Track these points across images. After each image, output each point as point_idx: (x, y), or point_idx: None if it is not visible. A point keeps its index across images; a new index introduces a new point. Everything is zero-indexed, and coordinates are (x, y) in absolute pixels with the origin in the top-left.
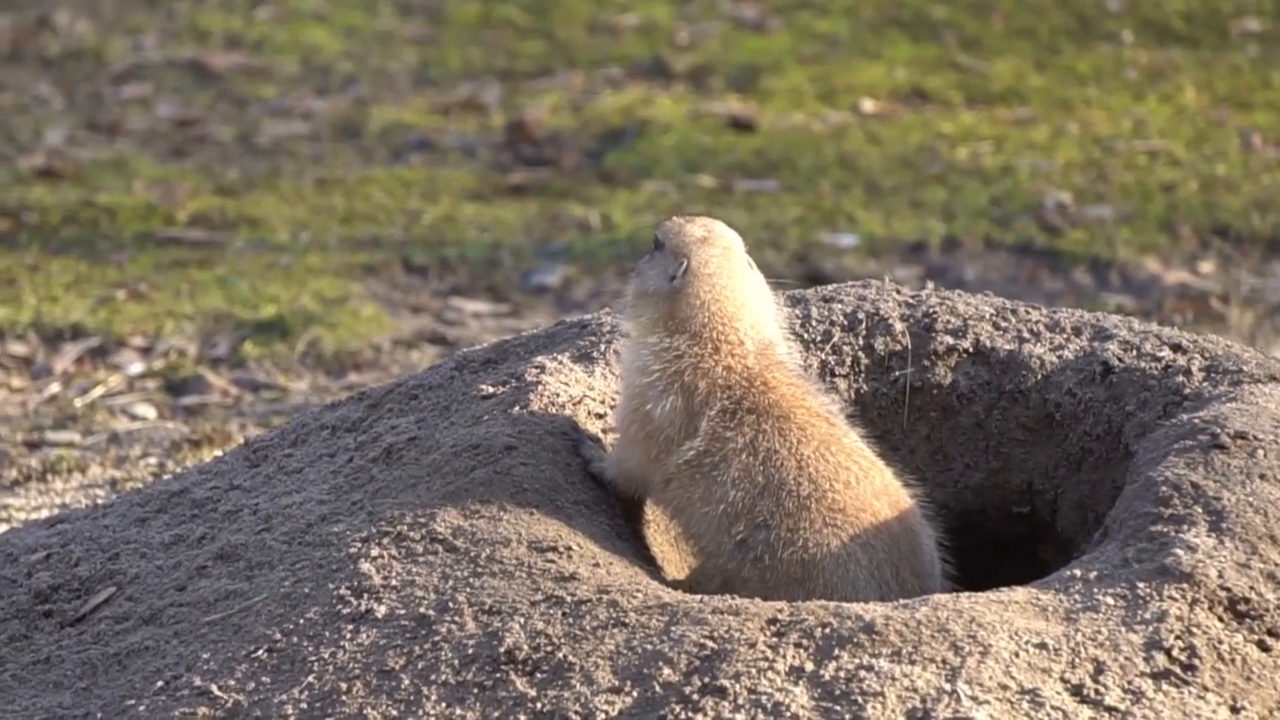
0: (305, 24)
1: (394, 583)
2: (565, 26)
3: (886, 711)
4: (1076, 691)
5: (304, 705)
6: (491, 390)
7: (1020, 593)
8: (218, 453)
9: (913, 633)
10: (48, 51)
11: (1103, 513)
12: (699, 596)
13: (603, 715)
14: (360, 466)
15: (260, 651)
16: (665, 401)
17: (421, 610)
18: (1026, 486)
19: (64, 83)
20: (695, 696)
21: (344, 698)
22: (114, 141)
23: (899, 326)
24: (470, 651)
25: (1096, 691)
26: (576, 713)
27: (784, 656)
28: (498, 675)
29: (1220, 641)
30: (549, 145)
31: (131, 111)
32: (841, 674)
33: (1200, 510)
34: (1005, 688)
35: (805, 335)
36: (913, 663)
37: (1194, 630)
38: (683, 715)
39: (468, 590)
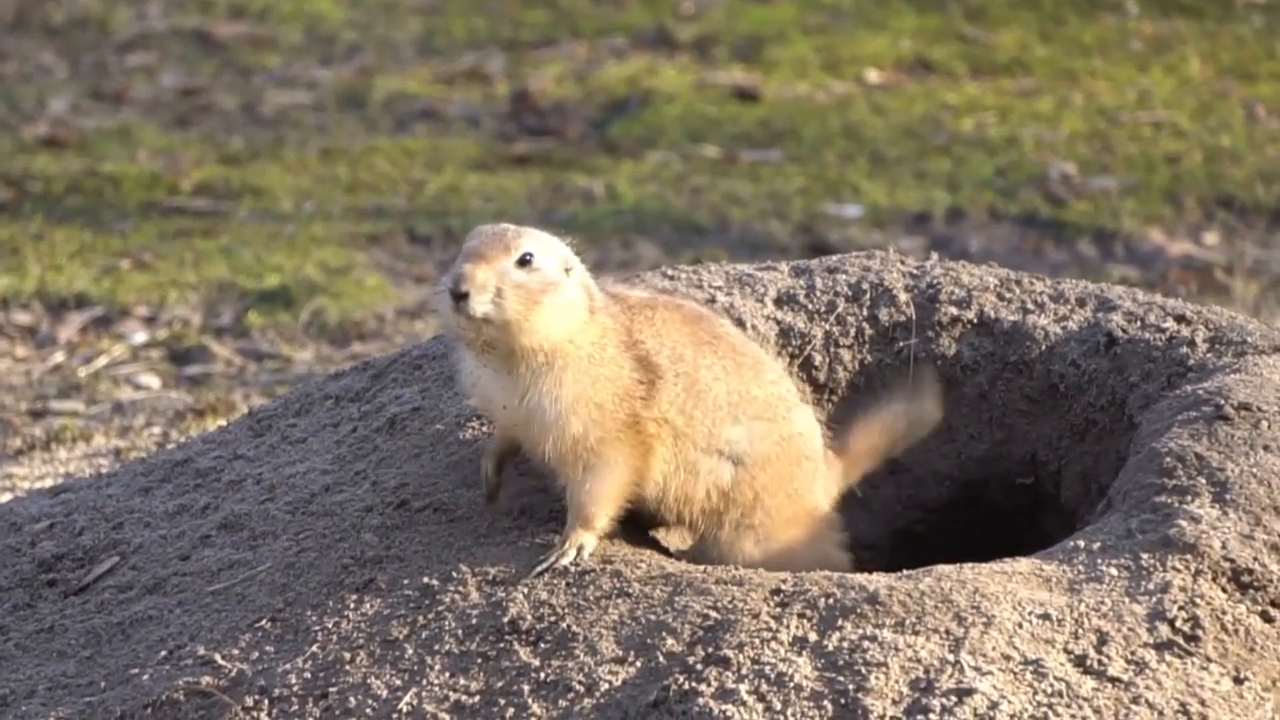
0: None
1: (397, 552)
2: None
3: (890, 682)
4: (1080, 662)
5: (308, 675)
6: None
7: (1024, 563)
8: (221, 422)
9: (916, 603)
10: (52, 20)
11: (1106, 484)
12: (702, 567)
13: (606, 685)
14: (364, 436)
15: (264, 621)
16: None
17: (425, 580)
18: (1030, 457)
19: (68, 52)
20: (699, 667)
21: (348, 667)
22: (118, 111)
23: (903, 297)
24: (474, 621)
25: (1100, 662)
26: (580, 683)
27: (787, 627)
28: (501, 645)
29: (1224, 612)
30: (553, 115)
31: (136, 81)
32: (845, 644)
33: (1204, 481)
34: (1009, 658)
35: (809, 306)
36: (916, 633)
37: (1197, 601)
38: (686, 685)
39: (471, 560)
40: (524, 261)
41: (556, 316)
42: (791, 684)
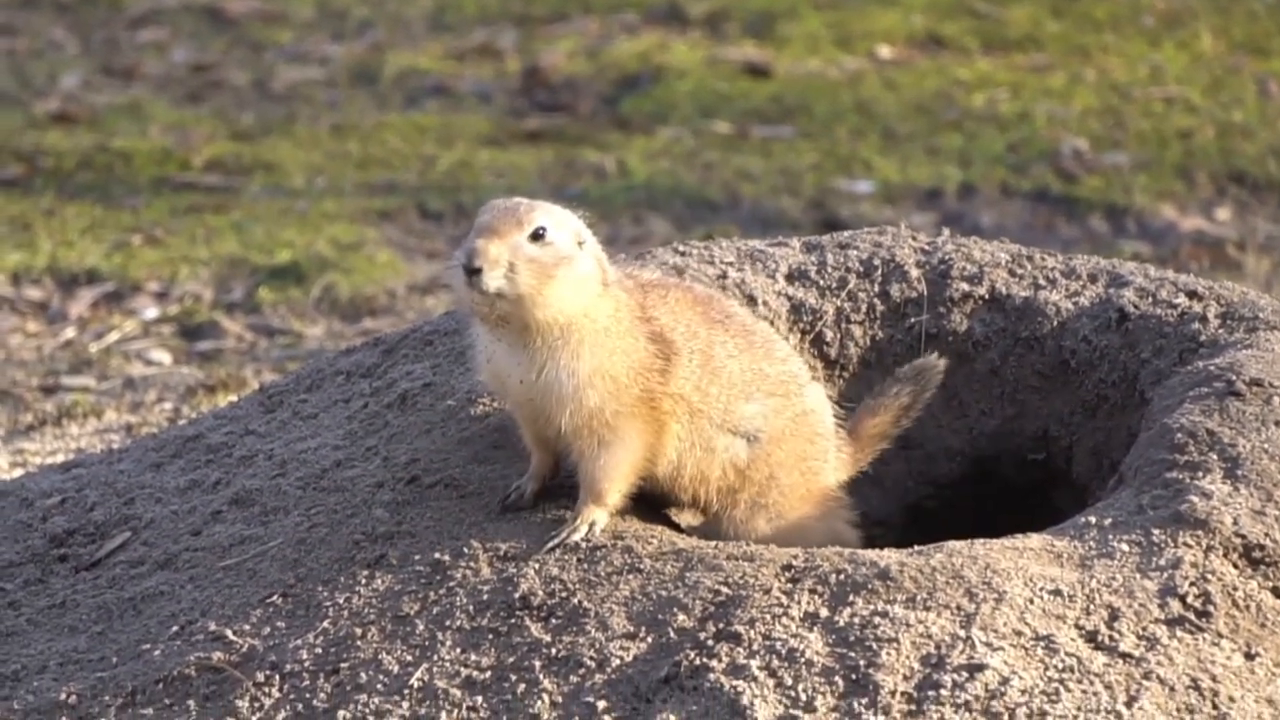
0: None
1: (408, 528)
2: None
3: (901, 658)
4: (1091, 638)
5: (319, 650)
6: None
7: (1035, 539)
8: (233, 398)
9: (927, 579)
10: None
11: (1118, 459)
12: (713, 543)
13: (617, 661)
14: (375, 412)
15: (275, 596)
16: None
17: (436, 556)
18: (1042, 433)
19: (79, 27)
20: (710, 642)
21: (359, 643)
22: (129, 86)
23: (915, 273)
24: (485, 597)
25: (1111, 638)
26: (591, 658)
27: (798, 603)
28: (512, 621)
29: (1235, 588)
30: (565, 91)
31: (147, 56)
32: (856, 620)
33: (1215, 457)
34: (1020, 634)
35: (821, 282)
36: (927, 609)
37: (1208, 577)
38: (697, 661)
39: (482, 536)
40: (537, 236)
41: (570, 290)
42: (803, 660)
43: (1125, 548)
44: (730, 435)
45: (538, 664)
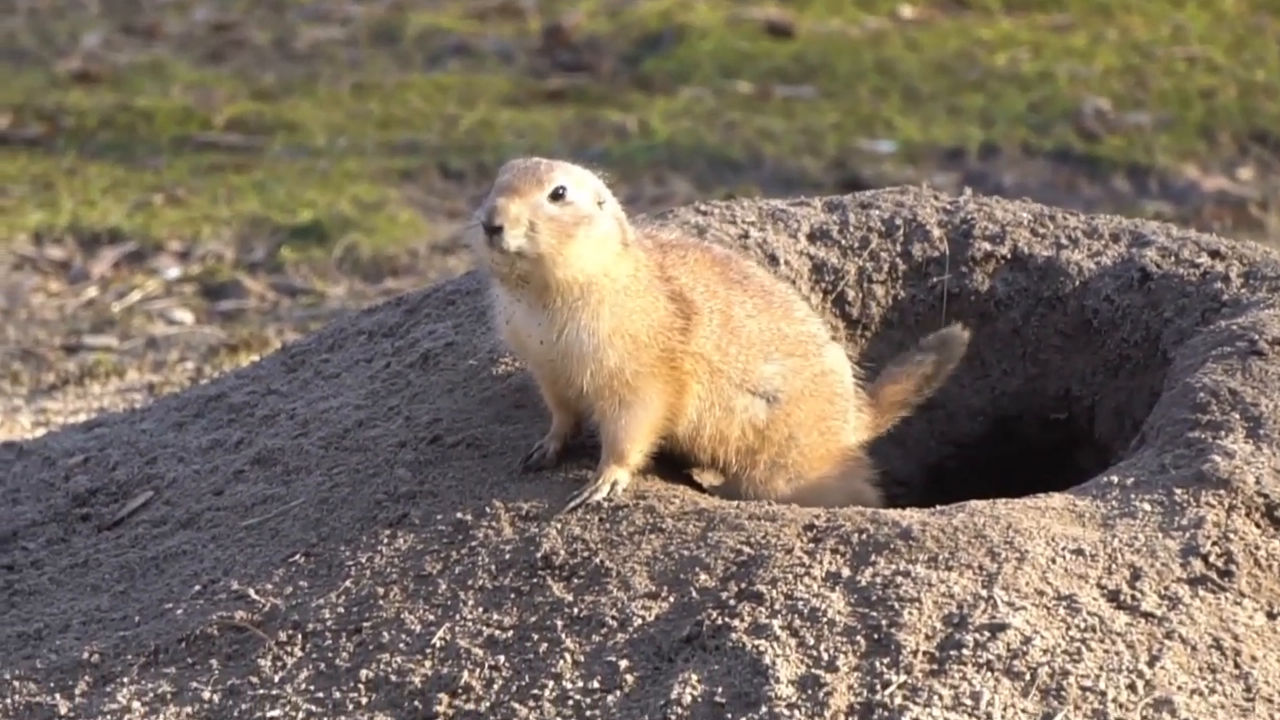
0: None
1: (430, 488)
2: None
3: (923, 617)
4: (1113, 597)
5: (341, 609)
6: None
7: (1057, 499)
8: (255, 357)
9: (949, 539)
10: None
11: (1140, 419)
12: (735, 503)
13: (639, 620)
14: (397, 372)
15: (297, 556)
16: None
17: (458, 515)
18: (1064, 393)
19: None
20: (732, 602)
21: (381, 602)
22: (151, 45)
23: (937, 233)
24: (507, 557)
25: (1133, 597)
26: (613, 618)
27: (820, 562)
28: (534, 580)
29: (1257, 547)
30: (586, 50)
31: (168, 15)
32: (878, 580)
33: (1238, 416)
34: (1042, 593)
35: (843, 241)
36: (949, 569)
37: (1230, 536)
38: (719, 620)
39: (504, 495)
40: (557, 195)
41: (590, 250)
42: (825, 619)
43: (1147, 507)
44: (749, 395)
45: (560, 623)
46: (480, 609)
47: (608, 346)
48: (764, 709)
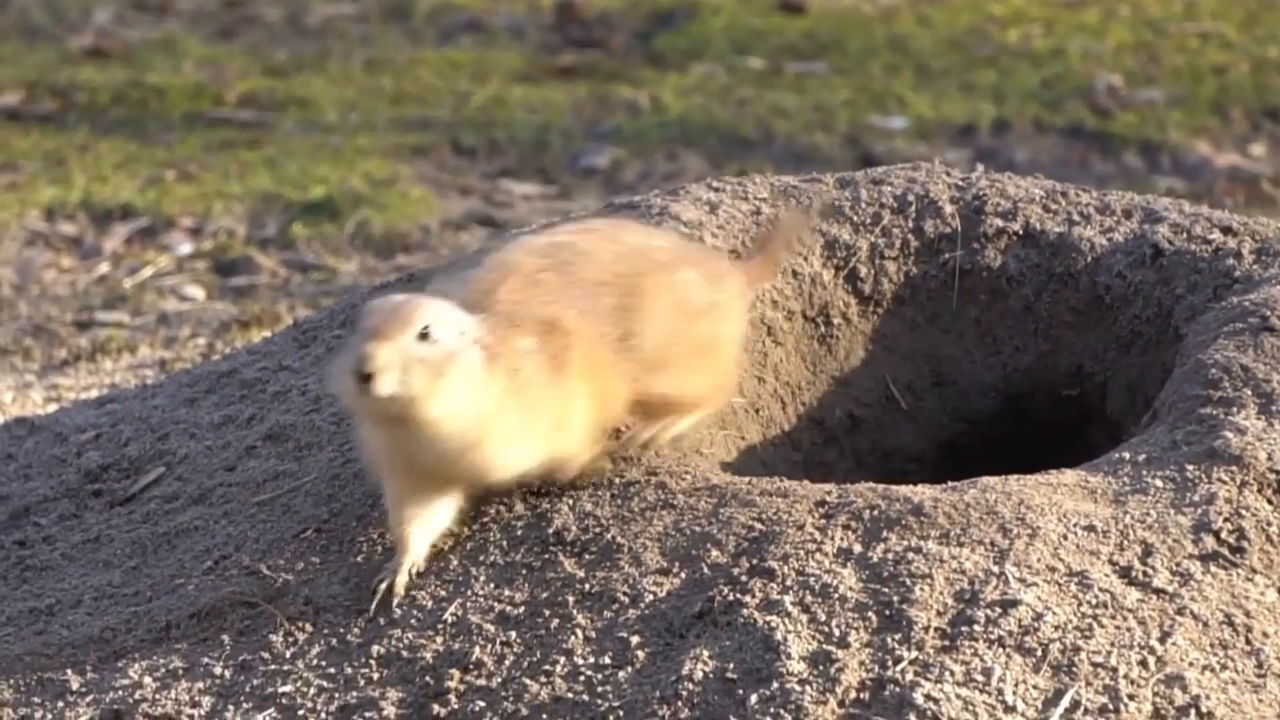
0: None
1: None
2: None
3: (935, 593)
4: (1125, 573)
5: (352, 585)
6: None
7: (1069, 475)
8: (267, 333)
9: (961, 515)
10: None
11: (1152, 395)
12: (747, 479)
13: (651, 596)
14: None
15: (309, 532)
16: None
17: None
18: (1076, 369)
19: None
20: (743, 578)
21: None
22: (163, 21)
23: (949, 209)
24: (519, 533)
25: (1145, 573)
26: (625, 594)
27: (832, 538)
28: (546, 556)
29: (1269, 524)
30: (598, 26)
31: None
32: (890, 556)
33: (1250, 393)
34: (1053, 570)
35: (854, 218)
36: (961, 545)
37: (1243, 513)
38: (731, 597)
39: None
40: (424, 335)
41: (460, 385)
42: (836, 595)
43: (1159, 484)
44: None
45: (571, 599)
46: (491, 585)
47: (512, 450)
48: (775, 685)
